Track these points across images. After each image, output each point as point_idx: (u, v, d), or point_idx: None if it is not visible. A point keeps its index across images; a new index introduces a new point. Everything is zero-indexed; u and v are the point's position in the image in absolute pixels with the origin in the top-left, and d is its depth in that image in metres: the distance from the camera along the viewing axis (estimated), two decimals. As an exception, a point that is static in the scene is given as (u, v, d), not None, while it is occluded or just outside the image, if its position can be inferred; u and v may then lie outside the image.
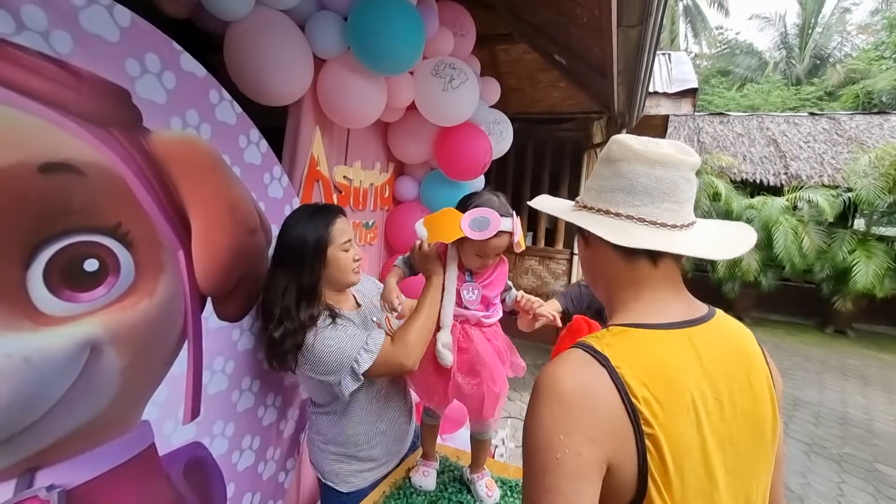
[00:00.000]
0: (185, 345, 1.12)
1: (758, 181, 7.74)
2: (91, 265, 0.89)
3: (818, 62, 17.25)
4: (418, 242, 1.18)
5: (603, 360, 0.58)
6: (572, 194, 5.40)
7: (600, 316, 1.76)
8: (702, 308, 0.71)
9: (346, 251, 1.23)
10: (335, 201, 1.78)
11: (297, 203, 1.50)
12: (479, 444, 1.32)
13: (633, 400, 0.56)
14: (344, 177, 1.83)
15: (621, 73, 3.02)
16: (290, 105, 1.55)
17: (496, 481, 1.36)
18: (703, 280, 7.88)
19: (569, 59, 3.45)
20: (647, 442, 0.56)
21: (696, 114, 10.46)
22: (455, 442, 2.53)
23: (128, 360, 0.97)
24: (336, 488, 1.29)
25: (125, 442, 1.00)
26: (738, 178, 7.78)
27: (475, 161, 2.05)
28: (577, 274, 5.42)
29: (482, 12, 3.44)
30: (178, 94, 1.03)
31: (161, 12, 1.31)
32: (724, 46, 20.95)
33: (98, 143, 0.87)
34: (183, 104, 1.05)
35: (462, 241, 1.14)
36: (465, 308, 1.19)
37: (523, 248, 1.17)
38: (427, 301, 1.17)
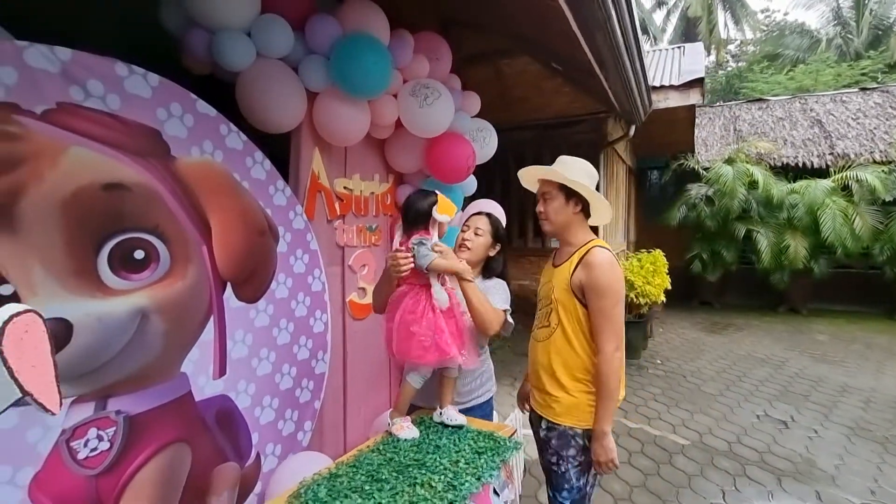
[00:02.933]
0: (212, 317, 1.47)
1: (800, 164, 7.41)
2: (139, 254, 1.25)
3: (879, 33, 15.99)
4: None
5: (609, 249, 1.53)
6: (592, 193, 5.53)
7: None
8: None
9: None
10: (337, 209, 2.12)
11: (300, 210, 1.85)
12: (446, 382, 1.60)
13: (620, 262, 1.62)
14: (344, 187, 2.17)
15: (607, 74, 3.20)
16: (291, 131, 1.92)
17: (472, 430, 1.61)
18: (748, 272, 7.59)
19: (562, 65, 3.67)
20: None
21: (732, 102, 10.15)
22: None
23: (168, 325, 1.32)
24: None
25: (169, 386, 1.35)
26: (779, 164, 7.48)
27: (460, 165, 2.33)
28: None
29: (480, 33, 3.76)
30: (196, 130, 1.41)
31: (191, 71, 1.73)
32: (770, 29, 19.95)
33: (140, 168, 1.25)
34: (200, 137, 1.42)
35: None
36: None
37: None
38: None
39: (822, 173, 7.11)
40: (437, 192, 1.66)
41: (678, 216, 7.53)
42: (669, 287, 5.80)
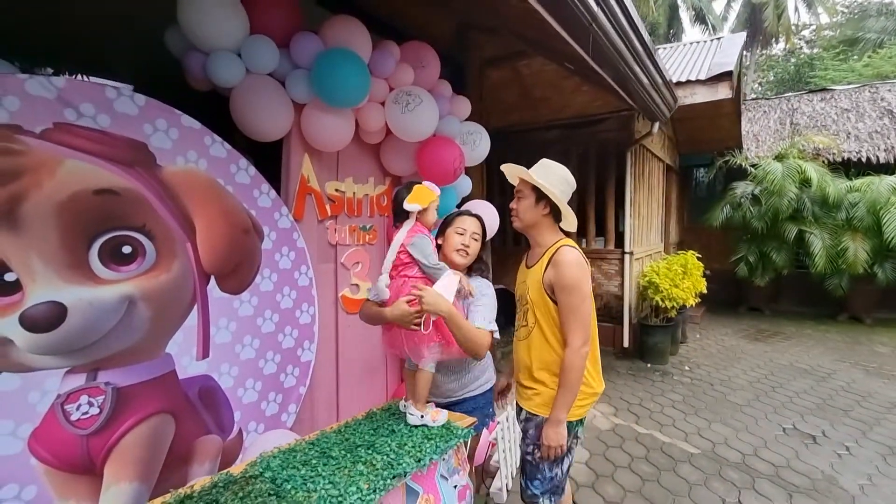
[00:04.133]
0: (196, 306, 1.67)
1: (864, 160, 6.78)
2: (127, 249, 1.47)
3: (980, 11, 14.16)
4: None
5: (577, 249, 1.62)
6: (619, 192, 5.39)
7: None
8: None
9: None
10: (328, 209, 2.29)
11: (286, 211, 2.03)
12: (411, 375, 1.69)
13: (587, 261, 1.64)
14: (336, 190, 2.34)
15: (612, 73, 3.16)
16: (283, 139, 2.10)
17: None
18: (801, 277, 7.06)
19: (573, 64, 3.65)
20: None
21: (790, 94, 9.44)
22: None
23: (154, 311, 1.53)
24: None
25: (155, 364, 1.56)
26: (839, 159, 6.89)
27: (446, 167, 2.42)
28: (629, 274, 5.33)
29: (496, 37, 3.83)
30: (181, 142, 1.61)
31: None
32: (851, 11, 18.22)
33: (128, 176, 1.46)
34: (184, 147, 1.63)
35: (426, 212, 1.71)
36: None
37: None
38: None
39: (889, 169, 6.47)
40: (419, 182, 1.77)
41: (721, 217, 7.12)
42: (704, 290, 5.55)
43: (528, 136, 5.55)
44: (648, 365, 5.02)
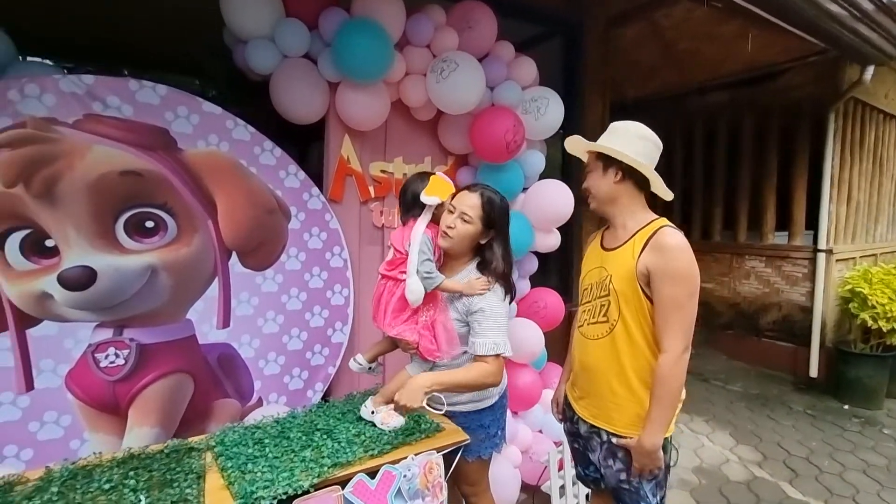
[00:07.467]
0: (216, 278, 1.81)
1: None
2: (150, 224, 1.66)
3: None
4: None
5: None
6: (814, 168, 4.02)
7: None
8: None
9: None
10: (371, 191, 2.23)
11: (316, 192, 2.04)
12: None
13: None
14: (382, 171, 2.26)
15: (773, 10, 2.28)
16: (324, 119, 2.11)
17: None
18: None
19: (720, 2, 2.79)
20: None
21: None
22: (528, 420, 2.52)
23: (175, 280, 1.71)
24: None
25: (176, 327, 1.74)
26: None
27: (496, 141, 2.10)
28: (823, 279, 3.92)
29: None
30: (202, 126, 1.74)
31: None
32: None
33: (150, 158, 1.64)
34: (206, 132, 1.76)
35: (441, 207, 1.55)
36: None
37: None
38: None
39: None
40: (435, 173, 1.62)
41: None
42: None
43: (678, 104, 4.56)
44: (845, 407, 3.65)
